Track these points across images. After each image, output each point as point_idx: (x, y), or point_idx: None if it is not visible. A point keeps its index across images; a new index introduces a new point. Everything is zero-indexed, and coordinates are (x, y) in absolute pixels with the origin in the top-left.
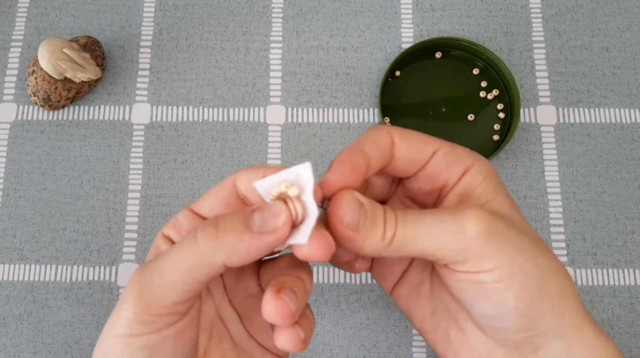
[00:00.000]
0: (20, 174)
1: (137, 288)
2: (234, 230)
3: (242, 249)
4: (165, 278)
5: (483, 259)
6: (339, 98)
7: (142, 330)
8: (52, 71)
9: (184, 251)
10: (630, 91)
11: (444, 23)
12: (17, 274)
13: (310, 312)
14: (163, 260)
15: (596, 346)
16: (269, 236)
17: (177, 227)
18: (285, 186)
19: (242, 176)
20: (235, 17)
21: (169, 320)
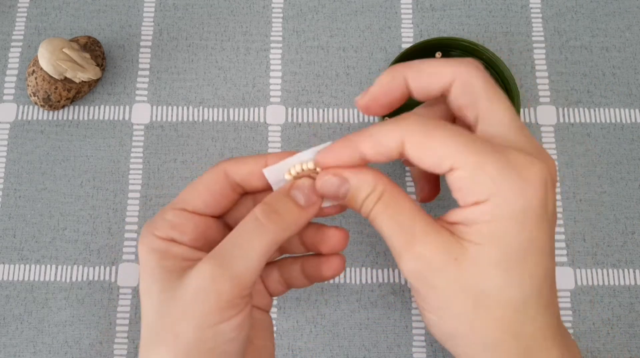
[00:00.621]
0: (20, 174)
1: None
2: (290, 210)
3: (301, 222)
4: (250, 261)
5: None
6: (339, 98)
7: (233, 312)
8: (52, 71)
9: (258, 235)
10: (630, 91)
11: (444, 23)
12: (17, 274)
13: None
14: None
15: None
16: (314, 207)
17: (176, 228)
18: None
19: (236, 169)
20: (235, 17)
21: (248, 299)
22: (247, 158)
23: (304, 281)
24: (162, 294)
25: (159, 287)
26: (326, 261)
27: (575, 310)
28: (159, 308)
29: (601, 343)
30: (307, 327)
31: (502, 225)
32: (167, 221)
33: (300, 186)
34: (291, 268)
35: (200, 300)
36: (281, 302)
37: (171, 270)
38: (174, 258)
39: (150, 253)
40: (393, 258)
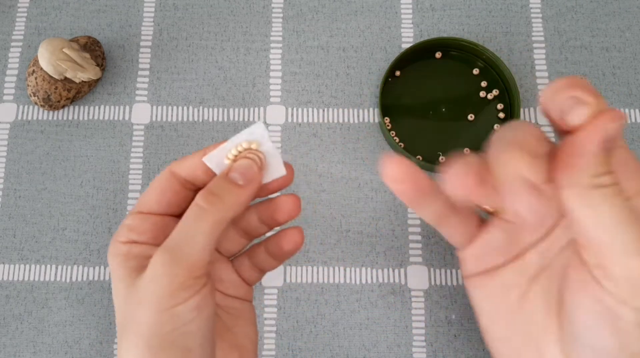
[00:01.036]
0: (20, 174)
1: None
2: (229, 191)
3: (242, 200)
4: (197, 243)
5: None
6: (339, 98)
7: (187, 294)
8: (52, 71)
9: (201, 220)
10: (630, 91)
11: (444, 23)
12: (17, 274)
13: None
14: (180, 234)
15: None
16: (254, 183)
17: (133, 230)
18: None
19: (180, 165)
20: (235, 17)
21: (204, 280)
22: (190, 155)
23: (271, 262)
24: (126, 290)
25: (124, 285)
26: (284, 235)
27: None
28: (124, 303)
29: None
30: (307, 327)
31: None
32: (126, 225)
33: (237, 167)
34: (258, 252)
35: (153, 287)
36: (281, 302)
37: (134, 268)
38: (136, 258)
39: (115, 258)
40: (394, 259)
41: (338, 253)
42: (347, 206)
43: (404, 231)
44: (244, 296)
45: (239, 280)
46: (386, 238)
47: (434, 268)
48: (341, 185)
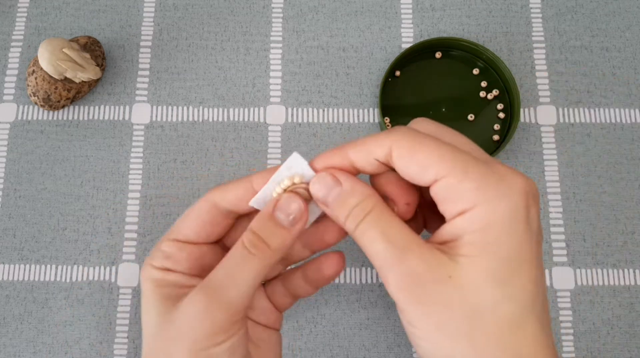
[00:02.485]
0: (20, 174)
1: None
2: (275, 235)
3: (288, 243)
4: (240, 288)
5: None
6: (339, 98)
7: (224, 337)
8: (52, 71)
9: (246, 264)
10: (630, 91)
11: (444, 23)
12: (17, 274)
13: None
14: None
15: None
16: (299, 224)
17: (170, 258)
18: (286, 184)
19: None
20: (235, 17)
21: (241, 324)
22: (233, 184)
23: (307, 288)
24: (159, 317)
25: (156, 311)
26: (325, 260)
27: (575, 310)
28: (156, 331)
29: (601, 343)
30: (307, 327)
31: (491, 232)
32: (162, 251)
33: (282, 206)
34: (293, 278)
35: (193, 326)
36: None
37: (168, 296)
38: (170, 286)
39: (148, 282)
40: None
41: None
42: None
43: None
44: (273, 325)
45: (270, 306)
46: None
47: None
48: None
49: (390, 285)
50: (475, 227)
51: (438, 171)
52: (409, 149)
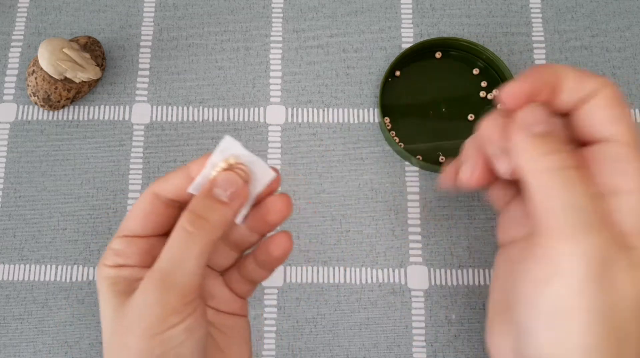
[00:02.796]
0: (20, 174)
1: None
2: (214, 209)
3: (229, 218)
4: (187, 269)
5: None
6: (339, 98)
7: (178, 319)
8: (52, 71)
9: (189, 244)
10: (630, 91)
11: (444, 23)
12: (17, 274)
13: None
14: (169, 258)
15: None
16: (238, 199)
17: (120, 254)
18: (223, 164)
19: (164, 188)
20: (235, 17)
21: (195, 304)
22: (172, 174)
23: (260, 272)
24: (114, 313)
25: (111, 308)
26: (272, 241)
27: None
28: (112, 326)
29: None
30: (307, 327)
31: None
32: (112, 250)
33: (219, 182)
34: (247, 263)
35: (144, 313)
36: (281, 302)
37: (123, 291)
38: (124, 281)
39: (102, 281)
40: (394, 258)
41: (338, 253)
42: (347, 206)
43: (404, 231)
44: (239, 311)
45: (231, 294)
46: (386, 238)
47: (434, 268)
48: (341, 185)
49: (580, 247)
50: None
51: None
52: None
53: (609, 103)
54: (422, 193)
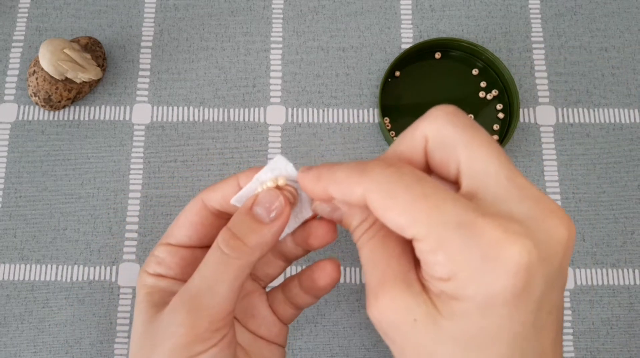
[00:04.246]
0: (21, 174)
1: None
2: (252, 230)
3: (268, 240)
4: (218, 293)
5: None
6: (338, 98)
7: (202, 348)
8: (53, 71)
9: (222, 267)
10: (630, 91)
11: (444, 24)
12: (17, 274)
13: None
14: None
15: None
16: (280, 220)
17: (162, 263)
18: (270, 183)
19: (212, 196)
20: (235, 17)
21: (224, 331)
22: (220, 183)
23: (305, 297)
24: (143, 326)
25: (142, 319)
26: (317, 269)
27: (574, 310)
28: (139, 340)
29: (600, 343)
30: (307, 327)
31: (464, 307)
32: (155, 257)
33: (261, 200)
34: (292, 286)
35: (170, 336)
36: None
37: (157, 303)
38: (160, 292)
39: (141, 289)
40: None
41: (338, 253)
42: None
43: None
44: (277, 339)
45: (272, 316)
46: None
47: None
48: None
49: (368, 314)
50: (449, 294)
51: (415, 233)
52: (382, 205)
53: (378, 207)
54: None
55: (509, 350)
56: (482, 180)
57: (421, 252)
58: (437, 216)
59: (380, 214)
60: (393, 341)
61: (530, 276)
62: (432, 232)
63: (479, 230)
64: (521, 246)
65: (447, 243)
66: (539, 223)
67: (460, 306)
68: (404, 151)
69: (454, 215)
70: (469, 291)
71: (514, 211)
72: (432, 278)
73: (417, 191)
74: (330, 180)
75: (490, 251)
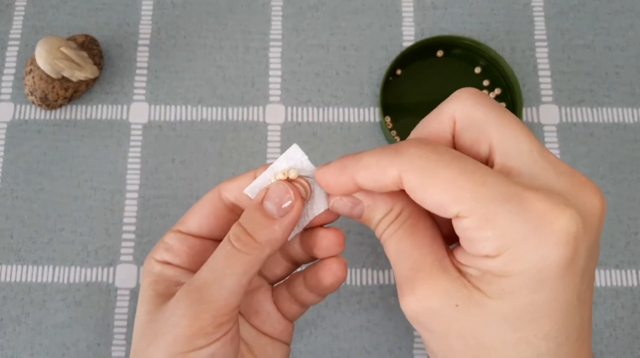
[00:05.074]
0: (17, 174)
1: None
2: (262, 226)
3: (278, 237)
4: (225, 288)
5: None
6: (339, 97)
7: (205, 341)
8: (49, 70)
9: (231, 261)
10: (634, 91)
11: (446, 21)
12: (14, 275)
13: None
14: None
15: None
16: (290, 216)
17: (170, 250)
18: (281, 175)
19: (228, 187)
20: (234, 15)
21: (228, 327)
22: (239, 176)
23: (310, 295)
24: (147, 316)
25: (146, 309)
26: (323, 267)
27: None
28: (141, 330)
29: (604, 345)
30: (307, 329)
31: (514, 283)
32: (164, 243)
33: (272, 195)
34: (297, 283)
35: (173, 327)
36: None
37: (161, 293)
38: (166, 281)
39: (147, 276)
40: None
41: None
42: None
43: None
44: (281, 336)
45: (277, 313)
46: None
47: None
48: None
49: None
50: (497, 273)
51: (459, 210)
52: (421, 184)
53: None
54: None
55: (559, 323)
56: (516, 158)
57: (466, 230)
58: (483, 191)
59: (419, 194)
60: (432, 330)
61: (578, 247)
62: (478, 208)
63: (526, 202)
64: (569, 216)
65: (496, 218)
66: (576, 195)
67: (510, 283)
68: (431, 132)
69: (499, 190)
70: (520, 265)
71: (552, 185)
72: (476, 257)
73: (458, 167)
74: (358, 167)
75: (540, 222)
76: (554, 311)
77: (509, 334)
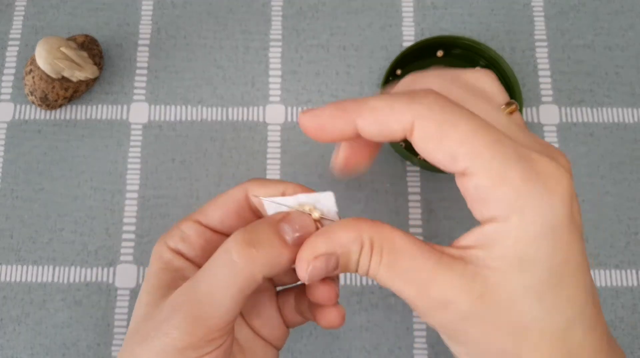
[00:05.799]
0: (17, 174)
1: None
2: (271, 245)
3: (283, 262)
4: (220, 303)
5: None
6: (339, 97)
7: (194, 354)
8: (49, 70)
9: (228, 273)
10: (634, 91)
11: (446, 21)
12: (14, 275)
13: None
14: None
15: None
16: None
17: (186, 241)
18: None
19: (255, 189)
20: (234, 15)
21: (220, 341)
22: (271, 182)
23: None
24: (145, 308)
25: (146, 300)
26: (321, 314)
27: None
28: (137, 322)
29: None
30: (307, 329)
31: (531, 248)
32: (181, 231)
33: (293, 219)
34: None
35: (162, 333)
36: None
37: (164, 284)
38: (173, 273)
39: (156, 260)
40: None
41: None
42: (348, 206)
43: None
44: (275, 340)
45: (279, 319)
46: None
47: None
48: (341, 186)
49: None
50: (510, 240)
51: (470, 165)
52: (436, 132)
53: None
54: (424, 193)
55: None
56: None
57: (478, 188)
58: (498, 148)
59: (431, 144)
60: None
61: (573, 200)
62: (494, 165)
63: (535, 163)
64: (568, 178)
65: (511, 176)
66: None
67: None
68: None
69: (513, 149)
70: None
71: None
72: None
73: (476, 122)
74: (364, 109)
75: (550, 182)
76: (572, 271)
77: (535, 306)
